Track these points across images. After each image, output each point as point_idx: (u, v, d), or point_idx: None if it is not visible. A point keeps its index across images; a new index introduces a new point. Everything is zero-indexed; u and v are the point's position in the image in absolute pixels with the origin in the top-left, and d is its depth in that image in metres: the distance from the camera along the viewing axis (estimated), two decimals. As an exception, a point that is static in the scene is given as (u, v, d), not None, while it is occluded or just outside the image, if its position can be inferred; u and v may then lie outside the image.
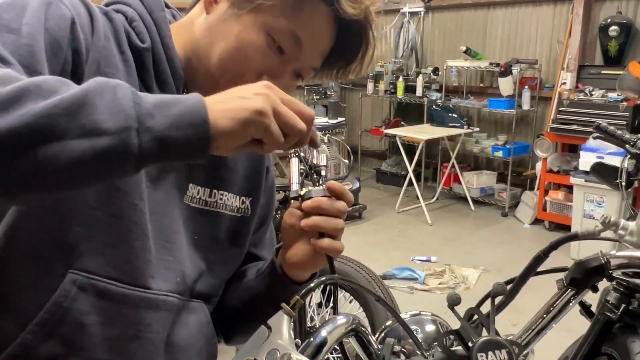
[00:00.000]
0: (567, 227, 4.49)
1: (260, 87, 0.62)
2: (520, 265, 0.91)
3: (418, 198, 5.26)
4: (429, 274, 3.91)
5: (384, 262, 4.11)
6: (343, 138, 5.30)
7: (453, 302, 0.72)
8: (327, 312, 2.43)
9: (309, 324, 2.37)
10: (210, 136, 0.58)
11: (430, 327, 1.08)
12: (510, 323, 2.76)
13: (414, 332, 1.04)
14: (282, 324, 0.65)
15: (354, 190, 5.10)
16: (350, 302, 2.42)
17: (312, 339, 0.70)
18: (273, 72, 0.79)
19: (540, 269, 0.88)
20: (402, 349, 1.02)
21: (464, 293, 3.71)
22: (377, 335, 1.02)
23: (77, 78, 0.69)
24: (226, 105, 0.60)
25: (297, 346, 0.66)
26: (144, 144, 0.56)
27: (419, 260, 4.20)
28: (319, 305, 2.51)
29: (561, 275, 0.80)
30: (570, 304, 0.78)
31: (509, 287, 0.91)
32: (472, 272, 3.95)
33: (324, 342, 0.70)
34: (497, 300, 0.88)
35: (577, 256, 3.35)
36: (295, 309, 0.67)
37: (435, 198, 5.75)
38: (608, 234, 0.76)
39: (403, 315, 1.07)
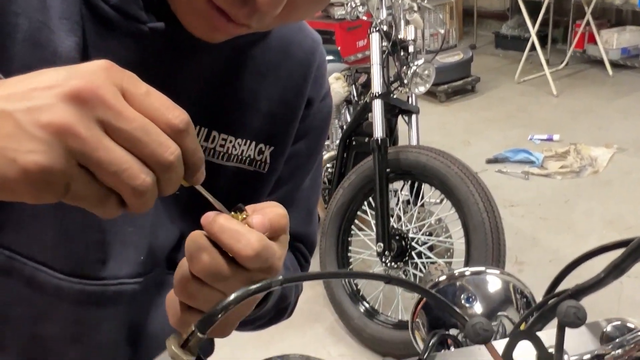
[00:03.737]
0: None
1: (63, 80, 0.33)
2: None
3: (542, 65, 4.55)
4: (548, 156, 3.41)
5: (498, 143, 3.67)
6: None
7: (484, 337, 0.40)
8: (415, 210, 2.15)
9: (394, 225, 2.12)
10: None
11: (495, 290, 0.77)
12: None
13: (472, 297, 0.75)
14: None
15: (466, 61, 4.52)
16: (441, 201, 2.11)
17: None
18: None
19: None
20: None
21: (591, 179, 3.20)
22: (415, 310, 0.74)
23: None
24: None
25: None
26: None
27: (538, 139, 3.68)
28: (407, 203, 2.23)
29: None
30: None
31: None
32: (603, 152, 3.37)
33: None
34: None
35: None
36: (191, 346, 0.39)
37: (564, 64, 4.97)
38: None
39: (464, 271, 0.77)
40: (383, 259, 2.09)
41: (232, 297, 0.40)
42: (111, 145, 0.33)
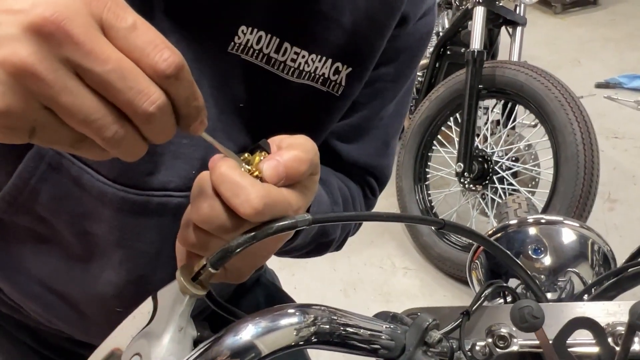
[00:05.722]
0: None
1: (31, 6, 0.28)
2: None
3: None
4: (670, 86, 3.04)
5: (612, 65, 3.30)
6: None
7: (531, 325, 0.33)
8: (504, 133, 2.01)
9: (479, 145, 2.00)
10: None
11: (570, 244, 0.69)
12: None
13: (542, 249, 0.69)
14: (173, 310, 0.36)
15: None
16: (535, 125, 1.94)
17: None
18: None
19: None
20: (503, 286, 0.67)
21: None
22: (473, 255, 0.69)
23: None
24: None
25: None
26: None
27: (662, 65, 3.27)
28: (497, 123, 2.08)
29: None
30: None
31: None
32: None
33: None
34: None
35: None
36: (203, 280, 0.36)
37: None
38: None
39: (538, 219, 0.70)
40: (461, 180, 2.00)
41: (252, 233, 0.36)
42: (78, 90, 0.28)
